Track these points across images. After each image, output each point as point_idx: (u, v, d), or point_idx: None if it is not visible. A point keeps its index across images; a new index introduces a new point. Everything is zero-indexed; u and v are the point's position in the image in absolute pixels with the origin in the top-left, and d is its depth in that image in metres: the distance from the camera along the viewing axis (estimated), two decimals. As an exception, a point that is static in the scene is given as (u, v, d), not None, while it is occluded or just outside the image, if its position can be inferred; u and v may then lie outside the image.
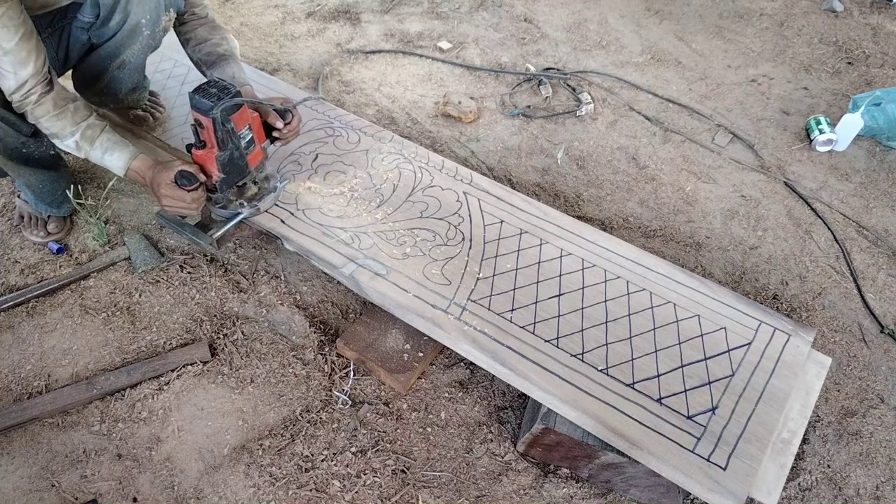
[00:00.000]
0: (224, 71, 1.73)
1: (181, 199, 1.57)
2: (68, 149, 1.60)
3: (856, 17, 3.12)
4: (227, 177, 1.60)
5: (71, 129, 1.56)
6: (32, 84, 1.49)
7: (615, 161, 2.34)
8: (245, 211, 1.70)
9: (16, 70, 1.46)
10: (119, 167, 1.62)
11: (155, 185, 1.58)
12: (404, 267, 1.64)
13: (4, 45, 1.41)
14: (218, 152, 1.55)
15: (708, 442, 1.33)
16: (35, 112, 1.53)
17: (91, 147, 1.59)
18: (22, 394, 1.60)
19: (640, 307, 1.58)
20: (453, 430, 1.59)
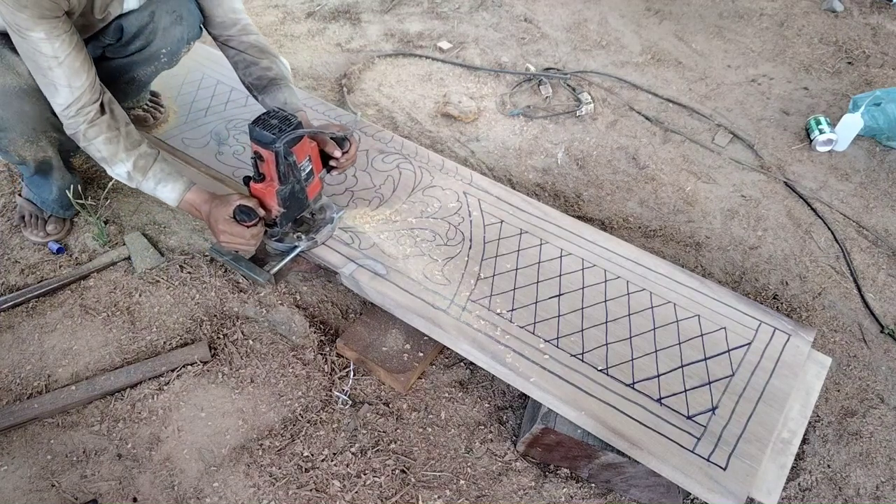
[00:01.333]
0: (276, 97, 1.67)
1: (240, 235, 1.51)
2: (118, 176, 1.55)
3: (856, 17, 3.12)
4: (287, 211, 1.54)
5: (123, 156, 1.52)
6: (87, 99, 1.45)
7: (615, 161, 2.34)
8: (302, 244, 1.63)
9: (70, 81, 1.41)
10: (172, 199, 1.57)
11: (212, 220, 1.53)
12: (404, 267, 1.64)
13: (59, 55, 1.38)
14: (279, 186, 1.49)
15: (708, 442, 1.33)
16: (88, 133, 1.48)
17: (143, 177, 1.54)
18: (22, 394, 1.60)
19: (640, 307, 1.58)
20: (453, 430, 1.59)
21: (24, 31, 1.33)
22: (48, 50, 1.36)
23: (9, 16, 1.31)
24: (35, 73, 1.42)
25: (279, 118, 1.45)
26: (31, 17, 1.30)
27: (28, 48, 1.37)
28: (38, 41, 1.34)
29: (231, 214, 1.50)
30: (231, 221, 1.50)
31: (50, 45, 1.36)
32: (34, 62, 1.39)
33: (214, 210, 1.53)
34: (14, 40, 1.38)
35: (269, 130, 1.42)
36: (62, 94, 1.43)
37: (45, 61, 1.38)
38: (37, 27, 1.32)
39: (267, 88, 1.69)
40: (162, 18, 1.65)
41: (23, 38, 1.35)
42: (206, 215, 1.56)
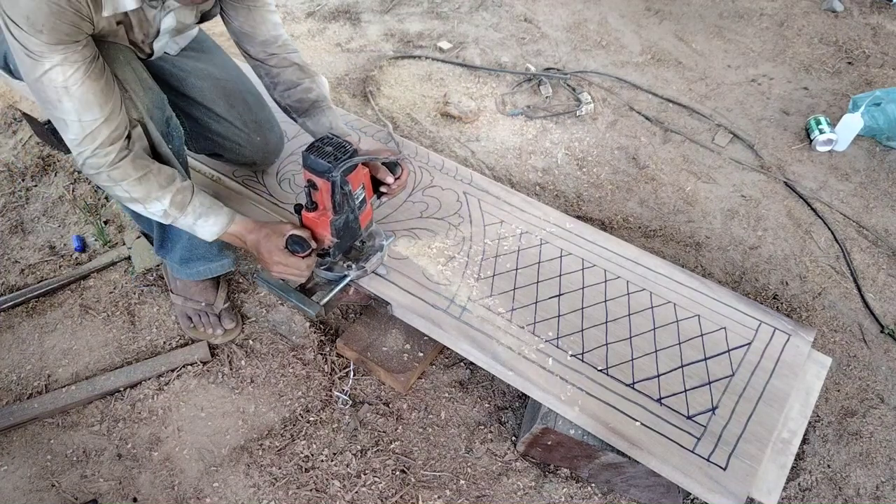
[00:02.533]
0: (319, 121, 1.58)
1: (295, 266, 1.43)
2: (152, 215, 1.39)
3: (856, 17, 3.12)
4: (340, 241, 1.48)
5: (158, 195, 1.35)
6: (106, 137, 1.26)
7: (615, 161, 2.34)
8: (352, 273, 1.55)
9: (80, 115, 1.22)
10: (214, 232, 1.43)
11: (264, 251, 1.42)
12: (404, 267, 1.64)
13: (70, 84, 1.19)
14: (333, 216, 1.43)
15: (708, 442, 1.33)
16: (113, 174, 1.29)
17: (182, 214, 1.39)
18: (22, 394, 1.60)
19: (640, 307, 1.58)
20: (453, 430, 1.59)
21: (36, 56, 1.16)
22: (59, 79, 1.18)
23: (21, 39, 1.14)
24: (43, 105, 1.24)
25: (334, 145, 1.37)
26: (48, 42, 1.14)
27: (37, 77, 1.19)
28: (50, 68, 1.17)
29: (285, 245, 1.42)
30: (285, 252, 1.42)
31: (62, 73, 1.18)
32: (42, 93, 1.21)
33: (265, 240, 1.42)
34: (22, 68, 1.20)
35: (324, 158, 1.34)
36: (72, 129, 1.24)
37: (55, 92, 1.20)
38: (52, 53, 1.15)
39: (309, 111, 1.58)
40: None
41: (32, 65, 1.17)
42: (253, 245, 1.45)
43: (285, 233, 1.42)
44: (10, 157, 2.19)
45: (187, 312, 1.73)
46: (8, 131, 2.30)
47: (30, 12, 1.10)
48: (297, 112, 1.60)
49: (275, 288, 1.53)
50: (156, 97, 1.39)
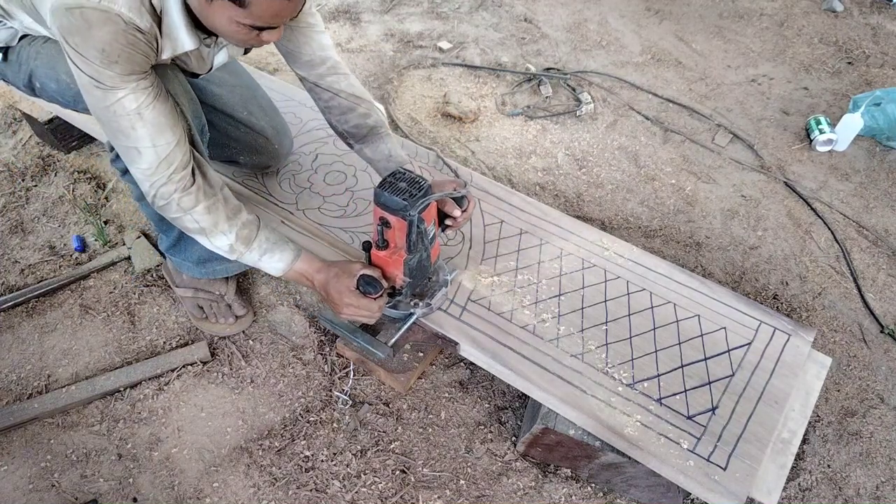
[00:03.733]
0: (378, 148, 1.53)
1: (367, 308, 1.37)
2: (217, 249, 1.35)
3: (856, 17, 3.12)
4: (412, 281, 1.42)
5: (225, 227, 1.31)
6: (179, 161, 1.25)
7: (615, 161, 2.34)
8: (418, 311, 1.48)
9: (154, 140, 1.21)
10: (279, 269, 1.39)
11: (334, 293, 1.37)
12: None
13: (143, 110, 1.18)
14: (407, 255, 1.36)
15: (708, 442, 1.33)
16: (183, 202, 1.27)
17: (248, 249, 1.35)
18: (22, 394, 1.60)
19: (640, 307, 1.58)
20: (453, 430, 1.59)
21: (108, 87, 1.15)
22: (131, 105, 1.17)
23: (90, 72, 1.13)
24: (114, 136, 1.22)
25: (407, 181, 1.29)
26: (121, 73, 1.14)
27: (107, 106, 1.18)
28: (122, 98, 1.16)
29: (356, 286, 1.36)
30: (357, 294, 1.36)
31: (135, 100, 1.17)
32: (114, 122, 1.20)
33: (334, 281, 1.37)
34: (89, 98, 1.19)
35: (399, 196, 1.27)
36: (146, 156, 1.22)
37: (127, 119, 1.18)
38: (124, 84, 1.15)
39: (367, 138, 1.53)
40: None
41: (103, 95, 1.16)
42: (320, 285, 1.40)
43: (356, 273, 1.36)
44: (10, 157, 2.19)
45: (199, 303, 1.72)
46: (8, 131, 2.30)
47: (105, 45, 1.10)
48: (355, 138, 1.54)
49: (339, 328, 1.47)
50: (196, 108, 1.40)
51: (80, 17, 1.08)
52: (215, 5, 1.10)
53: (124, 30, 1.10)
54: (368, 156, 1.55)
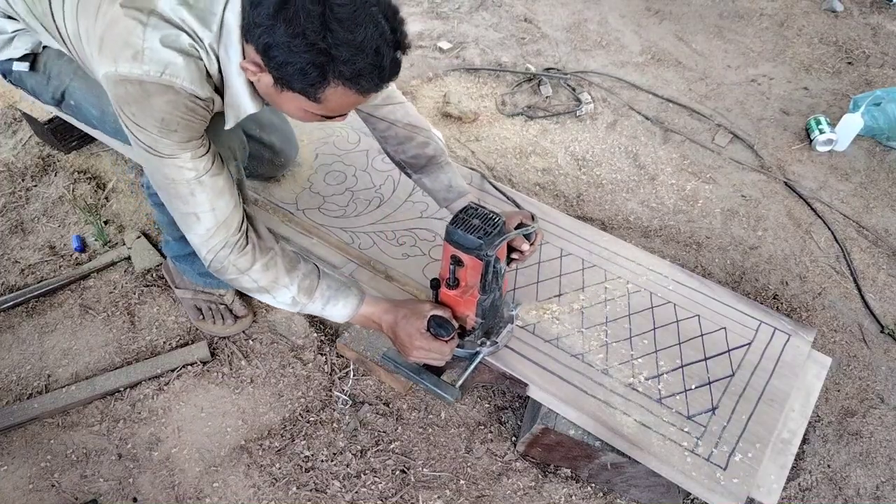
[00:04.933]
0: (438, 178, 1.49)
1: (438, 350, 1.31)
2: (281, 304, 1.31)
3: (856, 17, 3.12)
4: (485, 321, 1.36)
5: (286, 281, 1.28)
6: (235, 224, 1.22)
7: (615, 161, 2.34)
8: (485, 349, 1.40)
9: (213, 204, 1.18)
10: (344, 316, 1.34)
11: (403, 336, 1.32)
12: (404, 267, 1.64)
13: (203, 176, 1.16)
14: (481, 296, 1.30)
15: (708, 442, 1.33)
16: (239, 263, 1.24)
17: (310, 300, 1.31)
18: (22, 394, 1.60)
19: (640, 307, 1.58)
20: (453, 430, 1.59)
21: (165, 156, 1.13)
22: (190, 173, 1.16)
23: (147, 141, 1.12)
24: (171, 202, 1.21)
25: (481, 217, 1.22)
26: (179, 141, 1.12)
27: (165, 174, 1.16)
28: (182, 164, 1.15)
29: (426, 328, 1.30)
30: (428, 336, 1.30)
31: (193, 167, 1.15)
32: (172, 189, 1.18)
33: (404, 322, 1.31)
34: (146, 166, 1.19)
35: (473, 233, 1.20)
36: (205, 220, 1.20)
37: (187, 186, 1.17)
38: (182, 151, 1.14)
39: (426, 168, 1.49)
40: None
41: (160, 163, 1.15)
42: (388, 327, 1.34)
43: (426, 314, 1.31)
44: (10, 157, 2.19)
45: (197, 305, 1.72)
46: (8, 131, 2.30)
47: (165, 114, 1.08)
48: (413, 168, 1.50)
49: (404, 369, 1.40)
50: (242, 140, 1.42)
51: (140, 86, 1.05)
52: (286, 96, 1.08)
53: (184, 99, 1.08)
54: (428, 186, 1.51)
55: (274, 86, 1.07)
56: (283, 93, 1.07)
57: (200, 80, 1.09)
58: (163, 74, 1.05)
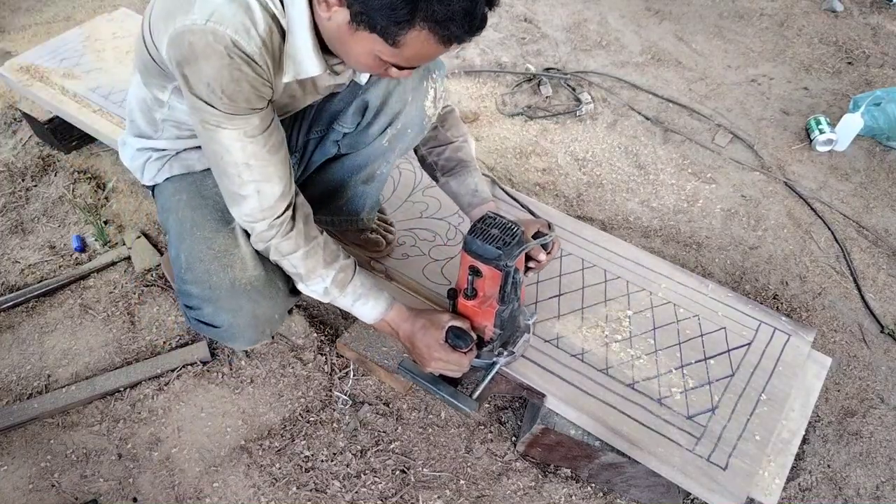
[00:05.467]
0: (464, 181, 1.46)
1: (456, 362, 1.29)
2: (312, 293, 1.30)
3: (856, 17, 3.12)
4: (503, 332, 1.35)
5: (322, 272, 1.26)
6: (281, 209, 1.19)
7: (615, 161, 2.34)
8: (502, 359, 1.38)
9: (260, 187, 1.15)
10: (371, 317, 1.33)
11: (421, 346, 1.30)
12: (404, 267, 1.64)
13: (251, 157, 1.12)
14: (500, 306, 1.28)
15: (708, 442, 1.33)
16: (281, 247, 1.23)
17: (341, 293, 1.29)
18: (22, 394, 1.60)
19: (641, 307, 1.58)
20: (453, 430, 1.59)
21: (214, 128, 1.09)
22: (239, 150, 1.11)
23: (200, 112, 1.08)
24: (219, 178, 1.18)
25: (500, 227, 1.21)
26: (227, 111, 1.07)
27: (215, 149, 1.12)
28: (230, 140, 1.10)
29: (444, 339, 1.29)
30: (446, 347, 1.29)
31: (241, 145, 1.10)
32: (220, 165, 1.14)
33: (421, 333, 1.30)
34: (202, 139, 1.15)
35: (491, 243, 1.18)
36: (250, 202, 1.17)
37: (234, 166, 1.13)
38: (230, 123, 1.08)
39: (454, 171, 1.46)
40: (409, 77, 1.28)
41: (210, 136, 1.11)
42: (406, 336, 1.33)
43: (444, 324, 1.29)
44: (10, 157, 2.19)
45: None
46: (8, 131, 2.30)
47: (211, 80, 1.03)
48: (443, 171, 1.48)
49: (421, 380, 1.38)
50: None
51: (189, 47, 1.01)
52: (359, 35, 1.01)
53: (228, 63, 1.01)
54: (454, 189, 1.48)
55: (349, 23, 0.99)
56: (356, 33, 1.00)
57: (248, 29, 1.01)
58: (207, 22, 0.98)
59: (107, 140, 1.94)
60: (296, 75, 1.13)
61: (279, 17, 1.04)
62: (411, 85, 1.34)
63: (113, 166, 2.17)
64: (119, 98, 2.00)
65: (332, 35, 1.06)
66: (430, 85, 1.37)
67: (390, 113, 1.35)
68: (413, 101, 1.36)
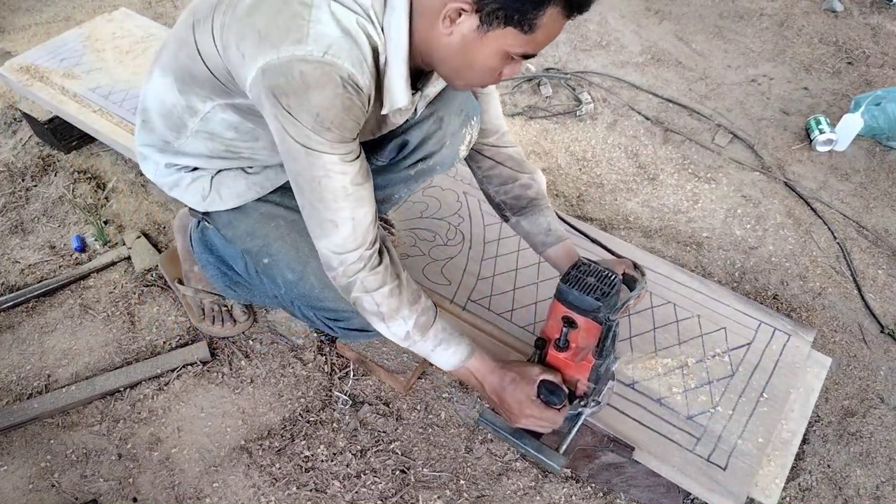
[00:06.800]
0: (537, 221, 1.41)
1: (550, 420, 1.21)
2: (393, 336, 1.22)
3: (856, 17, 3.12)
4: (597, 386, 1.26)
5: (406, 313, 1.18)
6: (372, 237, 1.14)
7: (615, 161, 2.34)
8: (587, 409, 1.28)
9: (354, 213, 1.10)
10: (451, 364, 1.25)
11: (511, 400, 1.22)
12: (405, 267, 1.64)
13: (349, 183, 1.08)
14: (597, 361, 1.21)
15: (708, 442, 1.33)
16: (367, 282, 1.15)
17: (423, 338, 1.21)
18: (22, 394, 1.60)
19: (641, 307, 1.58)
20: (453, 430, 1.59)
21: (316, 155, 1.05)
22: (338, 176, 1.08)
23: (299, 137, 1.03)
24: (313, 204, 1.11)
25: (595, 276, 1.13)
26: (332, 140, 1.04)
27: (313, 174, 1.08)
28: (331, 164, 1.06)
29: (537, 394, 1.21)
30: (539, 404, 1.21)
31: (341, 169, 1.07)
32: (317, 191, 1.09)
33: (511, 388, 1.22)
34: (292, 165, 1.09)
35: (589, 293, 1.11)
36: (343, 230, 1.11)
37: (332, 191, 1.09)
38: (333, 151, 1.06)
39: (526, 210, 1.42)
40: (451, 122, 1.33)
41: (309, 163, 1.06)
42: (493, 390, 1.25)
43: (535, 378, 1.22)
44: (10, 157, 2.20)
45: (198, 304, 1.71)
46: (8, 131, 2.30)
47: (321, 109, 1.00)
48: (512, 210, 1.43)
49: (504, 433, 1.30)
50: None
51: (300, 76, 0.98)
52: (490, 36, 0.99)
53: (342, 93, 1.00)
54: (526, 229, 1.43)
55: (477, 28, 0.98)
56: (487, 35, 0.99)
57: (361, 63, 1.00)
58: (325, 54, 0.97)
59: (107, 140, 1.94)
60: (391, 107, 1.12)
61: (380, 50, 1.04)
62: (451, 130, 1.35)
63: (113, 166, 2.17)
64: (119, 98, 2.00)
65: (451, 51, 1.04)
66: (468, 131, 1.37)
67: (426, 151, 1.36)
68: (450, 145, 1.37)
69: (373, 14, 1.01)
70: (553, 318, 1.19)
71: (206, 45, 1.11)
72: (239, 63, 1.04)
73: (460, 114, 1.35)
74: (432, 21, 1.01)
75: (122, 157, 2.17)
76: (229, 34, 1.05)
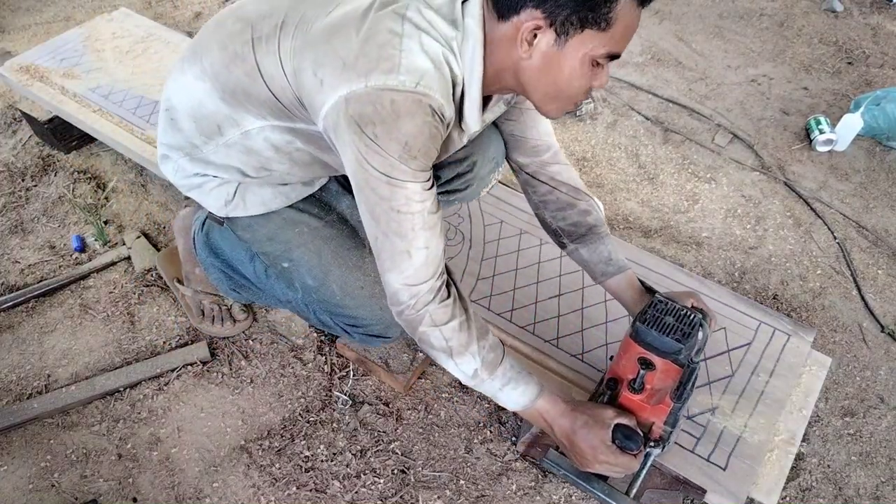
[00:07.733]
0: (597, 250, 1.37)
1: (625, 465, 1.16)
2: (461, 373, 1.17)
3: (856, 17, 3.12)
4: (673, 430, 1.21)
5: (474, 349, 1.14)
6: (442, 268, 1.11)
7: (615, 161, 2.34)
8: (655, 450, 1.22)
9: (428, 243, 1.07)
10: (519, 404, 1.21)
11: (584, 445, 1.16)
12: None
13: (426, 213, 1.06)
14: (675, 404, 1.17)
15: (708, 442, 1.33)
16: (436, 315, 1.11)
17: (491, 377, 1.17)
18: (22, 394, 1.60)
19: (640, 307, 1.58)
20: (453, 430, 1.59)
21: (398, 184, 1.02)
22: (417, 205, 1.05)
23: (382, 167, 1.01)
24: (388, 235, 1.07)
25: (674, 315, 1.08)
26: (416, 168, 1.02)
27: (392, 205, 1.04)
28: (413, 193, 1.04)
29: (611, 439, 1.15)
30: (614, 450, 1.15)
31: (421, 197, 1.05)
32: (394, 222, 1.06)
33: (584, 432, 1.16)
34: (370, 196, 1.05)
35: (669, 334, 1.06)
36: (416, 260, 1.07)
37: (410, 220, 1.05)
38: (415, 180, 1.03)
39: (585, 238, 1.38)
40: (483, 166, 1.37)
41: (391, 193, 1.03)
42: (563, 433, 1.19)
43: (609, 422, 1.16)
44: (10, 157, 2.20)
45: (198, 304, 1.71)
46: (8, 131, 2.30)
47: (410, 137, 0.98)
48: (571, 237, 1.40)
49: (571, 476, 1.27)
50: None
51: (390, 105, 0.95)
52: (570, 46, 0.97)
53: (430, 122, 0.99)
54: (584, 258, 1.40)
55: (555, 42, 0.97)
56: (566, 45, 0.97)
57: (449, 94, 1.00)
58: (418, 85, 0.95)
59: (107, 140, 1.94)
60: (468, 132, 1.12)
61: (458, 79, 1.03)
62: (480, 174, 1.37)
63: (113, 166, 2.17)
64: (119, 98, 2.00)
65: (536, 74, 1.02)
66: (494, 177, 1.41)
67: (452, 187, 1.43)
68: (475, 188, 1.41)
69: (455, 45, 1.00)
70: (627, 357, 1.13)
71: (270, 67, 1.07)
72: (315, 89, 1.01)
73: (491, 161, 1.38)
74: (508, 49, 1.00)
75: (122, 157, 2.17)
76: (302, 59, 1.02)
